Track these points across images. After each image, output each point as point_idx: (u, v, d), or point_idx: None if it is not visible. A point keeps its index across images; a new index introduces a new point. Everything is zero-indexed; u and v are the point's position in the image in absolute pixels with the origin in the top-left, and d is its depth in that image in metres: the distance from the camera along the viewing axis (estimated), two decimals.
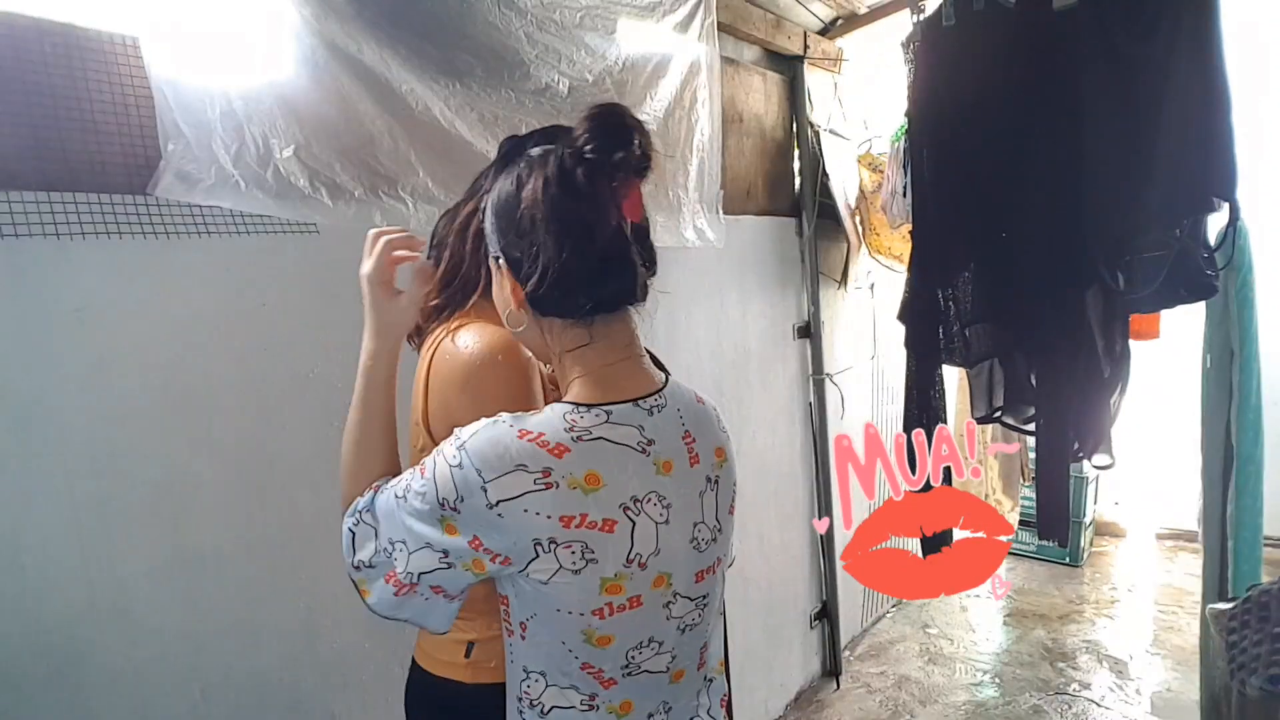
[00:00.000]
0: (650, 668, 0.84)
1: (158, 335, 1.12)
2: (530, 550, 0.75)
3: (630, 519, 0.77)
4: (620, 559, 0.77)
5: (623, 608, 0.79)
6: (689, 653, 0.88)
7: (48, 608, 1.03)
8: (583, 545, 0.75)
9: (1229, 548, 1.75)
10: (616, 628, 0.80)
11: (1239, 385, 1.71)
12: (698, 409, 0.88)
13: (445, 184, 1.38)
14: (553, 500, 0.74)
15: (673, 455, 0.82)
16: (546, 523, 0.74)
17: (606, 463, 0.76)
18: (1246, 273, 1.69)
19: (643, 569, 0.79)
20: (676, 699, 0.89)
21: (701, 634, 0.89)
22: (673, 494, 0.81)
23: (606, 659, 0.81)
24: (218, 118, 1.11)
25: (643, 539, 0.78)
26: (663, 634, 0.84)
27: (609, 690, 0.83)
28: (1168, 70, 1.39)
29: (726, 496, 0.90)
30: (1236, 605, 1.40)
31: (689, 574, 0.84)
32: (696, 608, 0.86)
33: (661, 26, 1.81)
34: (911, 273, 1.77)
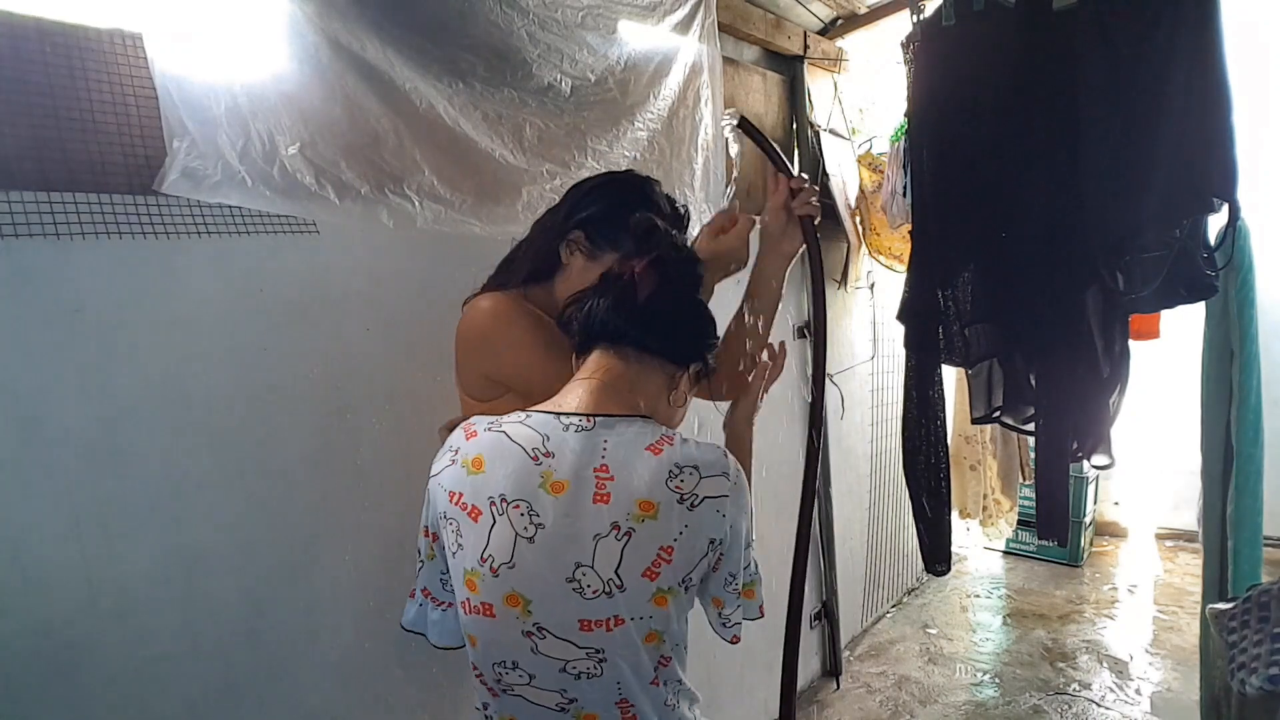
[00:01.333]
0: (529, 697, 0.83)
1: (158, 335, 1.12)
2: (438, 523, 0.86)
3: (493, 515, 0.80)
4: (476, 554, 0.81)
5: (477, 610, 0.82)
6: (596, 701, 0.83)
7: (48, 608, 1.03)
8: (457, 525, 0.82)
9: (1229, 548, 1.74)
10: (475, 629, 0.84)
11: (1239, 385, 1.71)
12: (638, 453, 0.82)
13: (451, 182, 1.38)
14: (451, 476, 0.84)
15: (570, 477, 0.80)
16: (443, 496, 0.84)
17: (494, 453, 0.82)
18: (1246, 273, 1.69)
19: (494, 575, 0.79)
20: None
21: (608, 688, 0.83)
22: (550, 516, 0.79)
23: (480, 662, 0.85)
24: (223, 114, 1.11)
25: (498, 543, 0.79)
26: (532, 666, 0.81)
27: (495, 701, 0.86)
28: (1168, 70, 1.39)
29: (643, 556, 0.80)
30: (1236, 605, 1.40)
31: (564, 616, 0.80)
32: (590, 659, 0.81)
33: (662, 26, 1.81)
34: (911, 273, 1.76)
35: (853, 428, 3.00)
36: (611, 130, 1.68)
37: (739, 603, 0.94)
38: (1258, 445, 1.71)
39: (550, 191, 1.51)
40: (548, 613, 0.80)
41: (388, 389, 1.39)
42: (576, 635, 0.80)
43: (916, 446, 1.80)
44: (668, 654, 0.86)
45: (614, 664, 0.81)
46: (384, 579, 1.39)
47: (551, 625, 0.80)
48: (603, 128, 1.66)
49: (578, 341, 0.91)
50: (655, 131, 1.77)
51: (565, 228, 1.12)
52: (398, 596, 1.04)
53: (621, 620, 0.80)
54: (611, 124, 1.69)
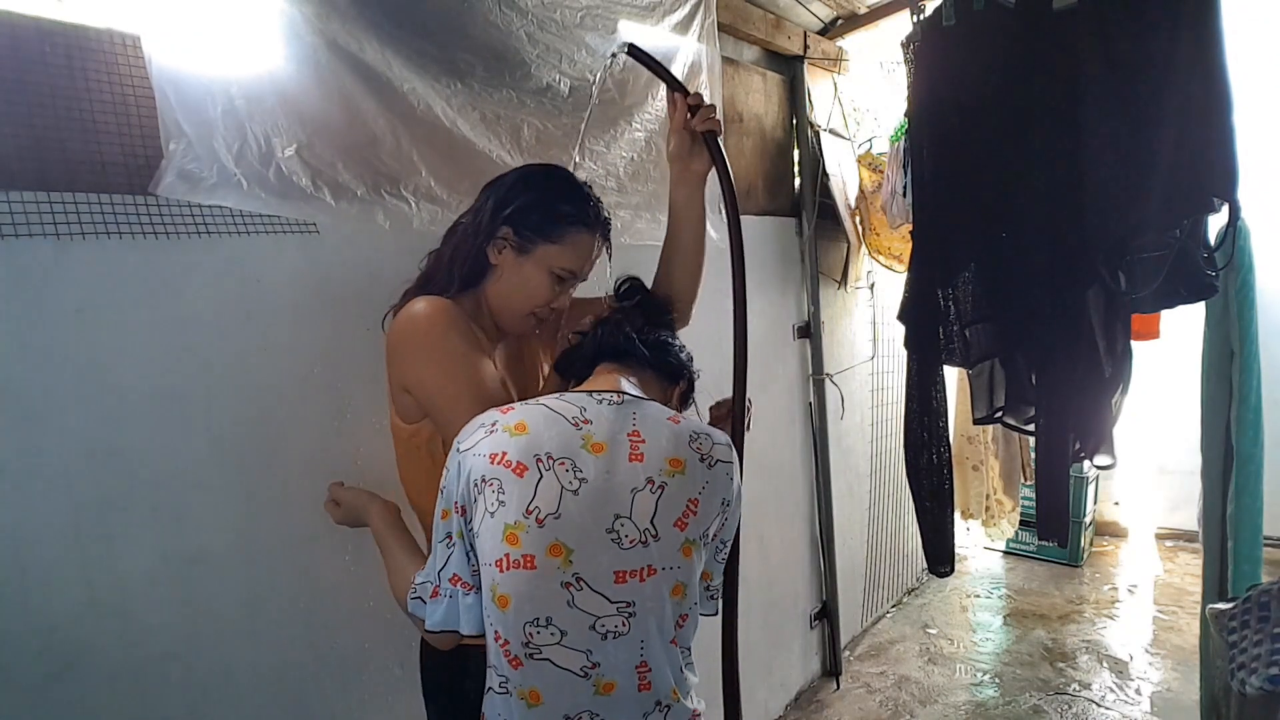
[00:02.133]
0: (555, 659, 0.85)
1: (158, 335, 1.12)
2: (470, 493, 0.87)
3: (540, 470, 0.85)
4: (522, 506, 0.84)
5: (517, 563, 0.84)
6: (618, 665, 0.86)
7: (48, 608, 1.03)
8: (499, 484, 0.85)
9: (1229, 548, 1.74)
10: (511, 585, 0.84)
11: (1239, 385, 1.71)
12: (662, 422, 0.93)
13: (448, 183, 1.38)
14: (490, 442, 0.88)
15: (608, 440, 0.89)
16: (481, 461, 0.87)
17: (536, 419, 0.89)
18: (1246, 273, 1.69)
19: (540, 526, 0.84)
20: (611, 713, 0.87)
21: (631, 648, 0.86)
22: (592, 472, 0.87)
23: (508, 627, 0.85)
24: (219, 116, 1.11)
25: (545, 494, 0.84)
26: (565, 621, 0.84)
27: (517, 672, 0.86)
28: (1168, 70, 1.39)
29: (675, 506, 0.88)
30: (1236, 605, 1.40)
31: (601, 566, 0.85)
32: (619, 614, 0.85)
33: (661, 27, 1.81)
34: (911, 273, 1.76)
35: (853, 428, 3.00)
36: (609, 131, 1.68)
37: (722, 577, 1.03)
38: (1258, 445, 1.71)
39: None
40: (587, 562, 0.84)
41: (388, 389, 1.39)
42: (610, 588, 0.85)
43: (919, 447, 1.80)
44: (687, 611, 0.92)
45: (641, 619, 0.86)
46: (384, 579, 1.39)
47: (589, 576, 0.84)
48: (600, 128, 1.66)
49: (585, 363, 1.04)
50: (653, 132, 1.77)
51: (491, 228, 1.10)
52: None
53: (654, 570, 0.87)
54: (609, 124, 1.69)
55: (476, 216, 1.13)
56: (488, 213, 1.11)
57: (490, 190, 1.14)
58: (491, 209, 1.11)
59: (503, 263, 1.11)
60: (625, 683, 0.87)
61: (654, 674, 0.88)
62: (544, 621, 0.84)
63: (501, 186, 1.13)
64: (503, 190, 1.12)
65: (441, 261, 1.14)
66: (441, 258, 1.15)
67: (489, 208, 1.11)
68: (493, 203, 1.11)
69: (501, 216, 1.10)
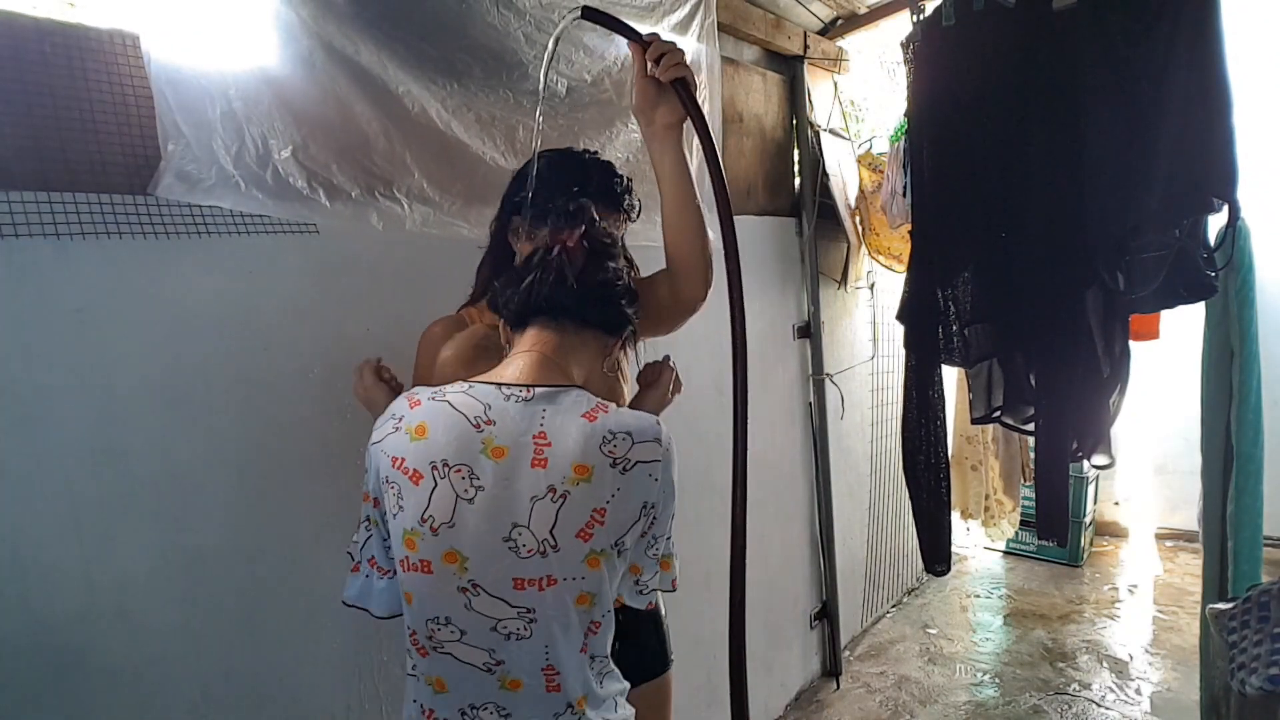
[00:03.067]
0: (458, 654, 0.87)
1: (158, 335, 1.12)
2: (381, 488, 0.87)
3: (435, 479, 0.83)
4: (417, 514, 0.84)
5: (415, 567, 0.85)
6: (522, 666, 0.86)
7: (48, 608, 1.03)
8: (398, 489, 0.85)
9: (1229, 548, 1.74)
10: (412, 586, 0.86)
11: (1239, 385, 1.71)
12: (574, 421, 0.86)
13: (440, 185, 1.38)
14: (394, 442, 0.86)
15: (510, 444, 0.84)
16: (386, 461, 0.86)
17: (437, 420, 0.85)
18: (1246, 273, 1.69)
19: (434, 534, 0.83)
20: (516, 708, 0.88)
21: (535, 651, 0.86)
22: (490, 479, 0.84)
23: (414, 620, 0.88)
24: (218, 118, 1.11)
25: (439, 504, 0.83)
26: (464, 622, 0.86)
27: (424, 660, 0.89)
28: (1167, 70, 1.39)
29: (577, 517, 0.84)
30: (1236, 605, 1.40)
31: (498, 573, 0.84)
32: (520, 619, 0.85)
33: (661, 27, 1.81)
34: (911, 273, 1.76)
35: (853, 428, 3.00)
36: (605, 132, 1.68)
37: (656, 570, 0.97)
38: (1258, 445, 1.71)
39: None
40: (483, 570, 0.84)
41: None
42: (510, 594, 0.84)
43: (917, 447, 1.80)
44: (598, 619, 0.90)
45: (544, 625, 0.85)
46: None
47: (486, 583, 0.84)
48: (597, 129, 1.66)
49: (513, 317, 0.94)
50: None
51: (505, 218, 1.13)
52: None
53: (554, 580, 0.85)
54: (605, 125, 1.68)
55: (499, 209, 1.17)
56: (503, 203, 1.15)
57: (511, 182, 1.18)
58: (505, 198, 1.15)
59: (521, 250, 1.12)
60: (532, 682, 0.87)
61: (563, 678, 0.88)
62: (443, 620, 0.86)
63: (516, 175, 1.17)
64: (513, 179, 1.16)
65: (482, 262, 1.20)
66: (483, 258, 1.20)
67: (504, 197, 1.15)
68: (507, 192, 1.15)
69: (512, 203, 1.13)
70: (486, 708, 0.88)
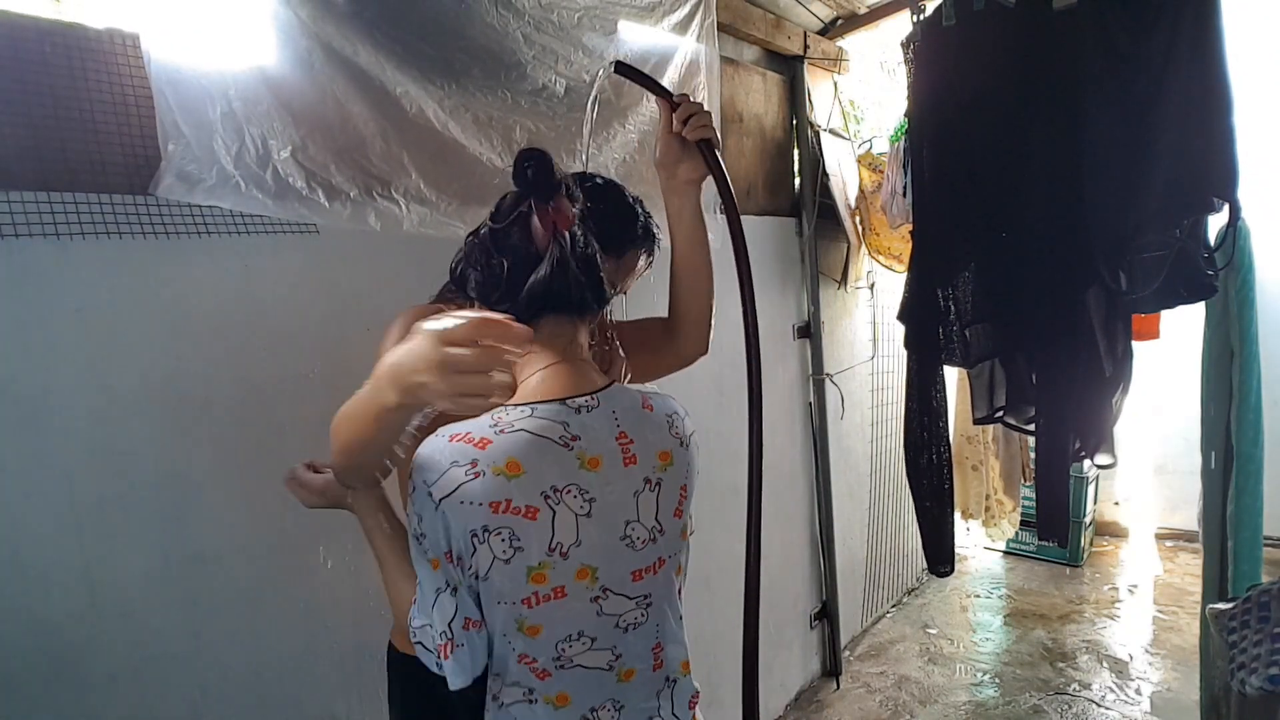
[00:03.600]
0: (585, 662, 0.87)
1: (158, 335, 1.12)
2: (469, 544, 0.80)
3: (551, 507, 0.82)
4: (543, 547, 0.82)
5: (548, 597, 0.83)
6: (637, 652, 0.91)
7: (48, 608, 1.03)
8: (510, 532, 0.80)
9: (1229, 548, 1.74)
10: (544, 617, 0.84)
11: (1239, 385, 1.71)
12: (640, 413, 0.91)
13: (437, 185, 1.38)
14: (481, 488, 0.78)
15: (601, 453, 0.86)
16: (479, 510, 0.78)
17: (526, 452, 0.81)
18: (1246, 273, 1.69)
19: (564, 558, 0.83)
20: (628, 698, 0.91)
21: (648, 634, 0.91)
22: (597, 489, 0.85)
23: (539, 649, 0.85)
24: (218, 118, 1.11)
25: (563, 528, 0.82)
26: (595, 629, 0.87)
27: (544, 682, 0.86)
28: (1167, 70, 1.39)
29: (672, 498, 0.92)
30: (1236, 605, 1.40)
31: (621, 571, 0.87)
32: (638, 607, 0.90)
33: (661, 27, 1.81)
34: (911, 273, 1.76)
35: (853, 428, 3.00)
36: (602, 132, 1.68)
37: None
38: (1258, 445, 1.71)
39: None
40: (609, 574, 0.87)
41: None
42: (630, 588, 0.89)
43: (919, 447, 1.80)
44: (682, 585, 0.99)
45: (657, 606, 0.92)
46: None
47: (612, 584, 0.87)
48: (593, 130, 1.66)
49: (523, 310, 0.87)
50: (646, 133, 1.77)
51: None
52: None
53: (663, 560, 0.92)
54: (603, 126, 1.68)
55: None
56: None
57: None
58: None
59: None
60: (643, 667, 0.92)
61: (665, 652, 0.94)
62: (576, 636, 0.86)
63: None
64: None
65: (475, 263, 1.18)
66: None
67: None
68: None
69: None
70: (604, 707, 0.89)
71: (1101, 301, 1.54)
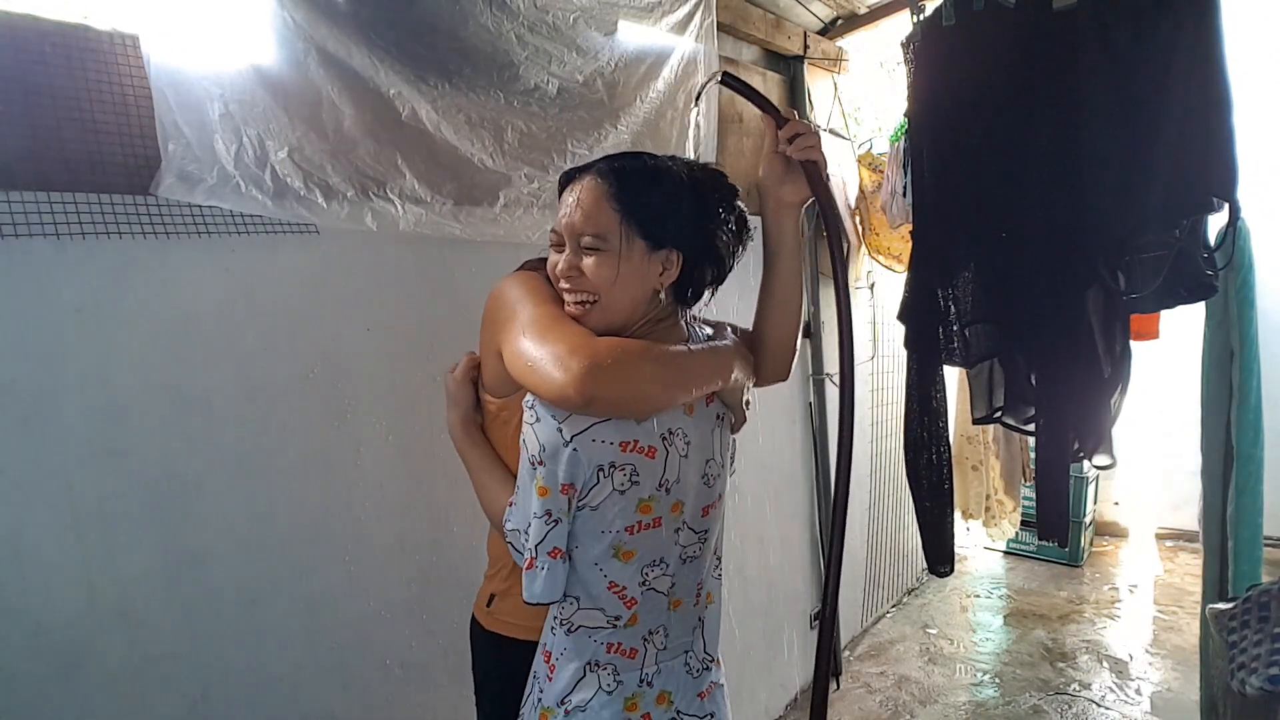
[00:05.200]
0: (659, 587, 0.96)
1: (158, 335, 1.12)
2: (593, 477, 0.88)
3: (666, 448, 0.92)
4: (655, 482, 0.91)
5: (648, 526, 0.93)
6: (687, 584, 1.00)
7: (48, 608, 1.03)
8: (632, 468, 0.89)
9: (1229, 548, 1.74)
10: (639, 543, 0.93)
11: (1239, 385, 1.71)
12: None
13: (432, 186, 1.39)
14: (614, 428, 0.88)
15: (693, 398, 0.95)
16: (609, 448, 0.88)
17: None
18: (1246, 273, 1.69)
19: (668, 494, 0.93)
20: (673, 627, 0.99)
21: (699, 568, 1.01)
22: (693, 432, 0.95)
23: (627, 574, 0.93)
24: (217, 119, 1.12)
25: (672, 467, 0.92)
26: (670, 557, 0.96)
27: (630, 609, 0.95)
28: (1168, 70, 1.39)
29: (727, 434, 1.02)
30: (1236, 605, 1.40)
31: (698, 507, 0.98)
32: (699, 540, 1.00)
33: (660, 27, 1.81)
34: (911, 273, 1.76)
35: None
36: (594, 133, 1.68)
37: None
38: (1258, 445, 1.71)
39: (527, 195, 1.52)
40: (692, 508, 0.97)
41: (388, 389, 1.39)
42: (699, 522, 0.98)
43: (919, 447, 1.79)
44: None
45: (708, 541, 1.01)
46: (383, 580, 1.39)
47: (690, 518, 0.97)
48: (585, 130, 1.66)
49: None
50: (640, 134, 1.77)
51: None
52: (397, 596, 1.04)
53: (721, 496, 1.02)
54: (594, 127, 1.68)
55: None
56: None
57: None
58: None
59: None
60: (688, 599, 1.00)
61: (704, 587, 1.03)
62: (659, 561, 0.95)
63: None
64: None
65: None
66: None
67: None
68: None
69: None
70: (659, 630, 0.98)
71: (1101, 301, 1.54)
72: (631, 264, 0.90)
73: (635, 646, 0.96)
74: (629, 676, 0.96)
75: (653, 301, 0.95)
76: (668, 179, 0.92)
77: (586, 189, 0.91)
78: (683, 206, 0.92)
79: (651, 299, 0.95)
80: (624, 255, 0.90)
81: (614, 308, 0.92)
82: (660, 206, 0.91)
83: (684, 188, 0.93)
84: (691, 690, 1.02)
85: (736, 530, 2.34)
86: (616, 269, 0.90)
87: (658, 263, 0.92)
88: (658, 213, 0.90)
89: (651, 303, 0.95)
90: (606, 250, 0.89)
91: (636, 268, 0.91)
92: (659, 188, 0.91)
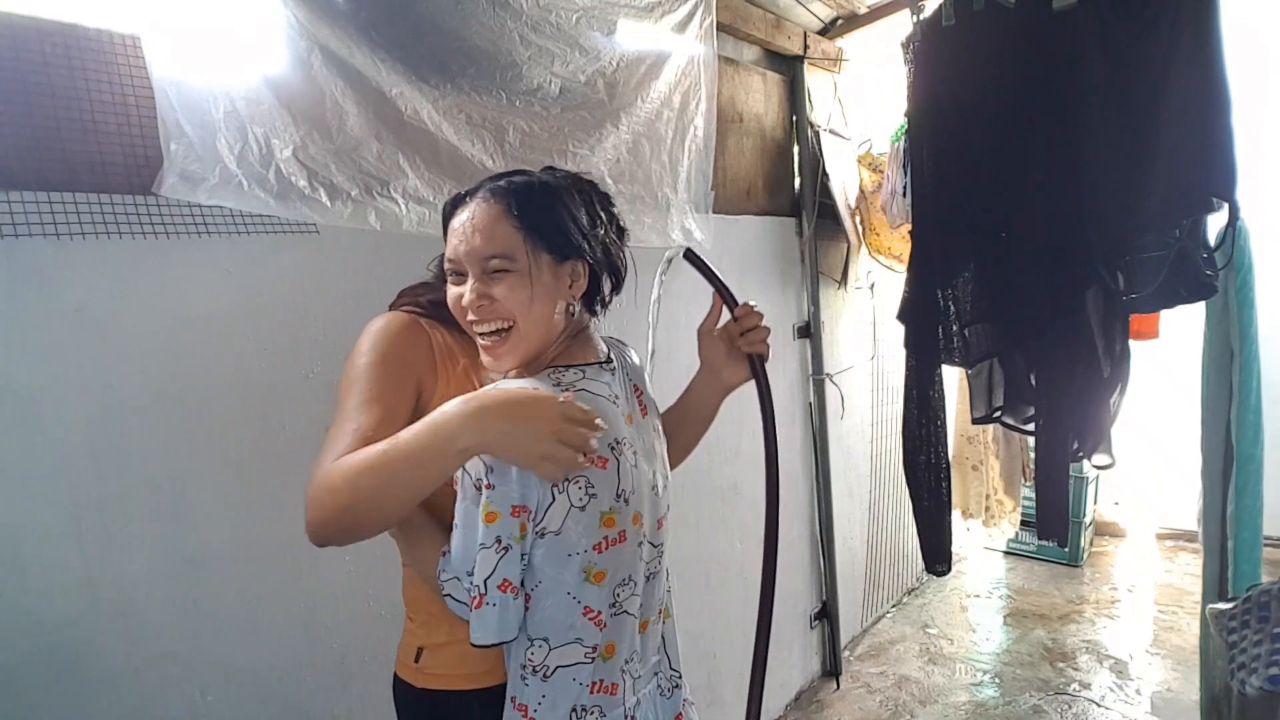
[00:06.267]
0: (630, 609, 0.94)
1: (158, 335, 1.12)
2: (548, 495, 0.83)
3: (616, 458, 0.89)
4: (613, 492, 0.88)
5: (614, 541, 0.89)
6: (651, 603, 0.97)
7: (48, 608, 1.03)
8: (586, 480, 0.86)
9: (1229, 548, 1.74)
10: (609, 562, 0.89)
11: (1239, 385, 1.71)
12: (635, 366, 1.02)
13: (434, 185, 1.39)
14: None
15: (631, 410, 0.96)
16: None
17: (602, 410, 0.88)
18: (1246, 273, 1.69)
19: (627, 504, 0.90)
20: (644, 650, 0.97)
21: (658, 585, 0.99)
22: (637, 442, 0.94)
23: (600, 598, 0.89)
24: (221, 118, 1.11)
25: (625, 476, 0.90)
26: (637, 575, 0.94)
27: (603, 633, 0.90)
28: (1167, 70, 1.39)
29: (663, 446, 1.02)
30: (1236, 605, 1.40)
31: (654, 519, 0.96)
32: (658, 555, 0.98)
33: (660, 27, 1.81)
34: (911, 273, 1.76)
35: (853, 428, 3.00)
36: (594, 133, 1.68)
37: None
38: (1258, 445, 1.71)
39: None
40: (649, 521, 0.94)
41: None
42: (656, 535, 0.97)
43: (917, 446, 1.80)
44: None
45: (665, 557, 1.00)
46: (383, 580, 1.39)
47: (648, 531, 0.95)
48: (585, 130, 1.66)
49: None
50: (639, 134, 1.77)
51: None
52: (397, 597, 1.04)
53: (669, 508, 1.00)
54: (595, 126, 1.68)
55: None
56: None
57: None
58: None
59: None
60: (653, 619, 0.99)
61: (662, 604, 1.02)
62: (628, 580, 0.92)
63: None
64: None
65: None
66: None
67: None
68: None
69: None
70: (632, 659, 0.95)
71: (1100, 302, 1.54)
72: (543, 280, 0.87)
73: (616, 681, 0.92)
74: (614, 715, 0.92)
75: (566, 317, 0.93)
76: (555, 190, 0.91)
77: (480, 212, 0.88)
78: (577, 215, 0.90)
79: (565, 315, 0.92)
80: (534, 272, 0.86)
81: (532, 331, 0.88)
82: (557, 217, 0.89)
83: (571, 197, 0.91)
84: (669, 713, 1.01)
85: (737, 531, 2.34)
86: (530, 288, 0.86)
87: (565, 275, 0.90)
88: (556, 223, 0.88)
89: (565, 318, 0.93)
90: (516, 270, 0.86)
91: (548, 284, 0.88)
92: (550, 199, 0.89)
